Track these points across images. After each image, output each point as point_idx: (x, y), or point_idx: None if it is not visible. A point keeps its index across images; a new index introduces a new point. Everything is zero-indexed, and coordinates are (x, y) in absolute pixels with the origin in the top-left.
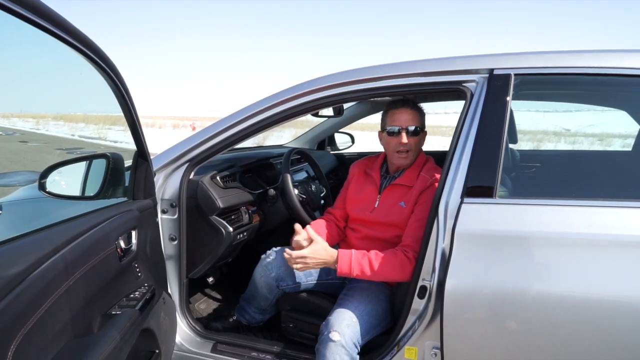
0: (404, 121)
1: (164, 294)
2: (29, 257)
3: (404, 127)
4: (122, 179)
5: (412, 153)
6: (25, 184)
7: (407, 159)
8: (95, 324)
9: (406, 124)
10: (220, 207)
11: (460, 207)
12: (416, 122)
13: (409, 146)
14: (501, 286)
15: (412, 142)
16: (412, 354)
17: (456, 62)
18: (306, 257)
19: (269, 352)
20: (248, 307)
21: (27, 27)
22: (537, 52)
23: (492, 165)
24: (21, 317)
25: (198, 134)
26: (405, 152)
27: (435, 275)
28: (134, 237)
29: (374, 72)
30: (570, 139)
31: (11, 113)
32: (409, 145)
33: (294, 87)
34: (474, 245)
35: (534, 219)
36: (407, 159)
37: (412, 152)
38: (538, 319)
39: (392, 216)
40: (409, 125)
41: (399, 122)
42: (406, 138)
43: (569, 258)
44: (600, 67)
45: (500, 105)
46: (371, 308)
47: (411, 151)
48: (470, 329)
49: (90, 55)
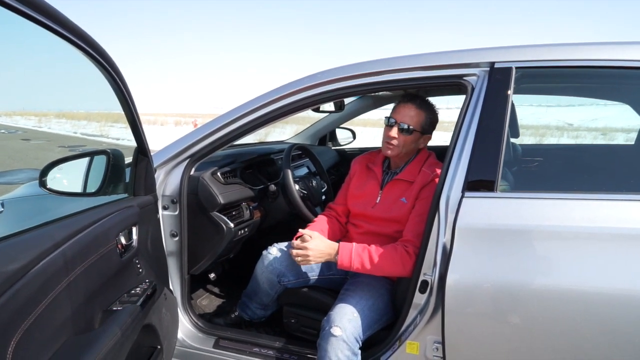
0: (402, 116)
1: (165, 290)
2: (29, 252)
3: (398, 122)
4: (122, 175)
5: (399, 149)
6: (27, 181)
7: (392, 151)
8: (96, 319)
9: (402, 119)
10: (221, 203)
11: (461, 201)
12: (414, 122)
13: (397, 142)
14: (502, 280)
15: (401, 140)
16: (413, 348)
17: (457, 55)
18: (307, 249)
19: (271, 347)
20: (250, 302)
21: (28, 25)
22: (538, 45)
23: (493, 159)
24: (21, 313)
25: (198, 130)
26: (392, 145)
27: (437, 270)
28: (134, 233)
29: (375, 67)
30: (573, 133)
31: (13, 111)
32: (397, 141)
33: (295, 82)
34: (475, 240)
35: (535, 213)
36: (392, 151)
37: (399, 147)
38: (539, 312)
39: (394, 212)
40: (403, 122)
41: (396, 116)
42: (396, 133)
43: (570, 251)
44: (602, 60)
45: (502, 99)
46: (372, 303)
47: (398, 147)
48: (471, 323)
49: (89, 52)
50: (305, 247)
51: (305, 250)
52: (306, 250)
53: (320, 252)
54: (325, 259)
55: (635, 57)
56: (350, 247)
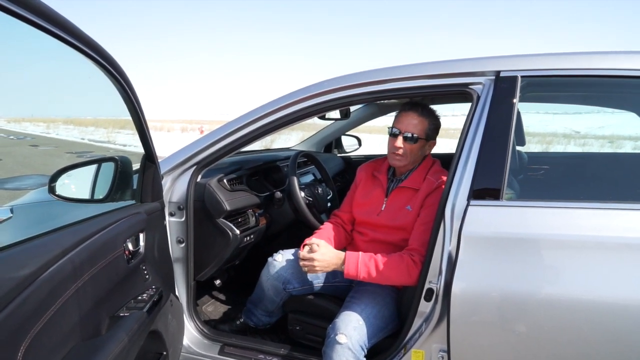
0: (405, 125)
1: (171, 296)
2: (38, 259)
3: (402, 132)
4: (130, 182)
5: (407, 158)
6: (35, 187)
7: (400, 161)
8: (103, 325)
9: (406, 128)
10: (227, 210)
11: (467, 209)
12: (418, 130)
13: (403, 151)
14: (508, 289)
15: (407, 148)
16: (419, 356)
17: (462, 64)
18: (314, 259)
19: (276, 354)
20: (255, 309)
21: (36, 33)
22: (543, 54)
23: (499, 167)
24: (31, 319)
25: (205, 137)
26: (399, 156)
27: (442, 278)
28: (141, 239)
29: (381, 75)
30: (580, 140)
31: (22, 117)
32: (403, 151)
33: (301, 90)
34: (480, 248)
35: (541, 221)
36: (400, 161)
37: (406, 157)
38: (545, 321)
39: (399, 219)
40: (407, 131)
41: (400, 125)
42: (401, 142)
43: (576, 260)
44: (608, 69)
45: (507, 107)
46: (378, 310)
47: (405, 156)
48: (477, 332)
49: (97, 59)
50: (312, 257)
51: (312, 260)
52: (313, 261)
53: (327, 261)
54: (332, 268)
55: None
56: (357, 256)
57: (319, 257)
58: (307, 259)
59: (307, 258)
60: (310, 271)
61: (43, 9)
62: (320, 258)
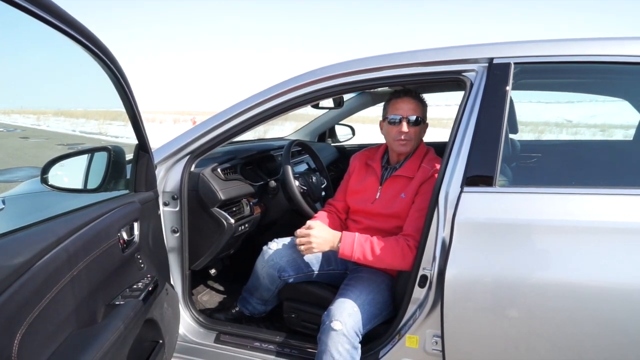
0: (406, 110)
1: (166, 285)
2: (32, 247)
3: (405, 117)
4: (123, 171)
5: (412, 142)
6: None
7: (406, 146)
8: (99, 314)
9: (407, 113)
10: (222, 199)
11: (460, 196)
12: (418, 113)
13: (409, 136)
14: (501, 274)
15: (413, 132)
16: (413, 342)
17: (456, 51)
18: (311, 234)
19: (271, 342)
20: (250, 298)
21: (26, 20)
22: (537, 41)
23: (492, 154)
24: (26, 307)
25: (198, 127)
26: (405, 140)
27: (436, 265)
28: (136, 228)
29: (374, 63)
30: (572, 129)
31: (12, 109)
32: (409, 135)
33: (294, 78)
34: (474, 234)
35: (533, 207)
36: (406, 146)
37: (412, 141)
38: (538, 306)
39: (394, 207)
40: (410, 115)
41: (400, 111)
42: (407, 127)
43: (568, 245)
44: (601, 55)
45: (500, 94)
46: (372, 297)
47: (411, 140)
48: (470, 317)
49: (90, 47)
50: (309, 233)
51: (309, 237)
52: (310, 237)
53: (324, 239)
54: (328, 246)
55: (634, 52)
56: (353, 236)
57: (315, 234)
58: (304, 235)
59: (304, 234)
60: (306, 250)
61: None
62: (317, 234)
